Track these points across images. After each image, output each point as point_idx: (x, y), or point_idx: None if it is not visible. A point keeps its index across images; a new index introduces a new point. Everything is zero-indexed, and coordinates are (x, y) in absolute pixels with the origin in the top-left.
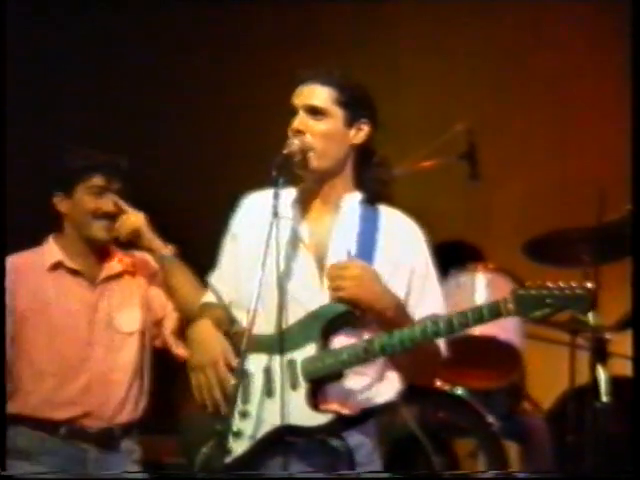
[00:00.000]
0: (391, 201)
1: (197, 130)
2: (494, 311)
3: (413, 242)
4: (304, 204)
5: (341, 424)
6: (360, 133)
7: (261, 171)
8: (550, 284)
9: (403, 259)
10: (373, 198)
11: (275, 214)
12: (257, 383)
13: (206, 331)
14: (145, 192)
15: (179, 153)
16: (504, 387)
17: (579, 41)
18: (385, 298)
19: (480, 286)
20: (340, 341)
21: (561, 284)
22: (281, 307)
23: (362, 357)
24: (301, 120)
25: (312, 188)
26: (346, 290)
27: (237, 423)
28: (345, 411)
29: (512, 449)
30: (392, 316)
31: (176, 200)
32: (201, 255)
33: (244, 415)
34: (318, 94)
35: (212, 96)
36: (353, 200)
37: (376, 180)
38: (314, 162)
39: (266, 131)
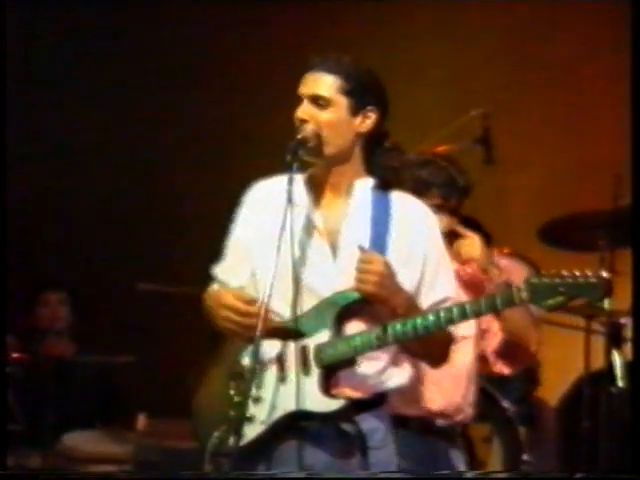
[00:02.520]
0: (403, 187)
1: (204, 121)
2: (507, 300)
3: (426, 227)
4: (315, 191)
5: (354, 409)
6: (367, 121)
7: (265, 162)
8: (564, 272)
9: (416, 245)
10: (384, 184)
11: (290, 200)
12: (270, 369)
13: (217, 292)
14: (150, 182)
15: (185, 145)
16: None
17: (596, 24)
18: (399, 296)
19: None
20: (353, 328)
21: (575, 272)
22: (296, 294)
23: (375, 344)
24: (304, 109)
25: (321, 175)
26: (367, 285)
27: (250, 408)
28: (357, 396)
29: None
30: (402, 313)
31: (182, 191)
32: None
33: (257, 400)
34: (323, 83)
35: (224, 85)
36: (364, 186)
37: (386, 166)
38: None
39: (275, 121)
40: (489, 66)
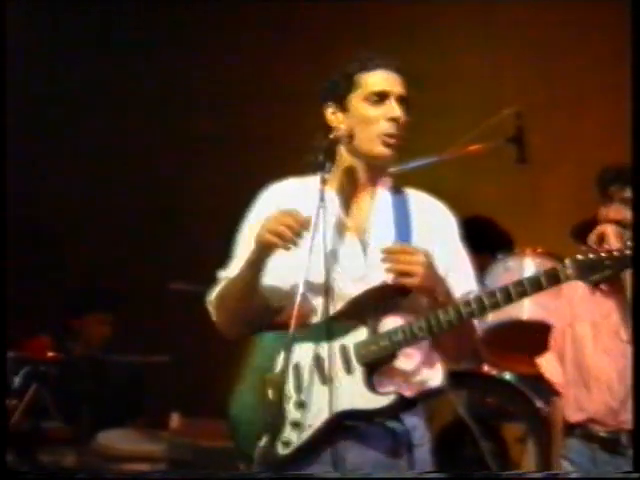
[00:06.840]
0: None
1: (217, 122)
2: (553, 277)
3: (444, 222)
4: (343, 189)
5: (401, 406)
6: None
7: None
8: (607, 247)
9: (435, 241)
10: (400, 184)
11: (322, 199)
12: (309, 372)
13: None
14: (184, 183)
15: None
16: None
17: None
18: (441, 285)
19: (529, 270)
20: (390, 323)
21: (620, 246)
22: (329, 292)
23: (418, 335)
24: (399, 107)
25: (349, 173)
26: (417, 277)
27: (294, 414)
28: (405, 393)
29: None
30: (443, 301)
31: (216, 193)
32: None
33: (300, 405)
34: (401, 82)
35: (238, 86)
36: (386, 185)
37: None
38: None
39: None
40: (522, 65)
